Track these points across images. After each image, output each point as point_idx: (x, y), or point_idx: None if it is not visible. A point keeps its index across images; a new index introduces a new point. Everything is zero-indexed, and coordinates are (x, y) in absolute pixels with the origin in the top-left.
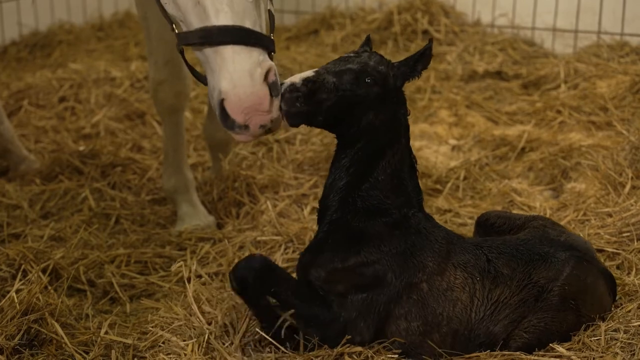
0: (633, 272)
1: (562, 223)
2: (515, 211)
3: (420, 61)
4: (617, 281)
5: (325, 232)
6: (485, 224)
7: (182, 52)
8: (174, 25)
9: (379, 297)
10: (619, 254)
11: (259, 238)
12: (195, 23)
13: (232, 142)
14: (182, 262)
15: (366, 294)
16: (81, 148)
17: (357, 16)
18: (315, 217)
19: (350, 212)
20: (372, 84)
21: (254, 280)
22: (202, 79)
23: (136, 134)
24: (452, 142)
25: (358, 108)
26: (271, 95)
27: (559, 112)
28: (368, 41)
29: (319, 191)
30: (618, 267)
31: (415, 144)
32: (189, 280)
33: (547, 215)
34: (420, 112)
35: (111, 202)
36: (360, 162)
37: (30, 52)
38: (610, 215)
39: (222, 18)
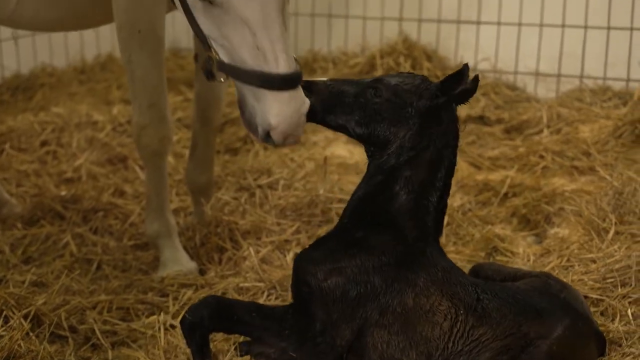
0: (617, 319)
1: (545, 269)
2: (498, 258)
3: (449, 82)
4: (601, 328)
5: (331, 233)
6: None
7: (208, 68)
8: (212, 50)
9: (366, 303)
10: (603, 300)
11: (241, 284)
12: (250, 61)
13: (214, 187)
14: (155, 317)
15: (354, 297)
16: (63, 192)
17: (340, 60)
18: None
19: (359, 220)
20: (378, 95)
21: (210, 317)
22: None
23: (118, 179)
24: None
25: (359, 112)
26: None
27: (541, 157)
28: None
29: (302, 237)
30: (602, 314)
31: None
32: (174, 324)
33: (531, 262)
34: None
35: (93, 248)
36: (381, 175)
37: (12, 95)
38: (594, 261)
39: (281, 66)
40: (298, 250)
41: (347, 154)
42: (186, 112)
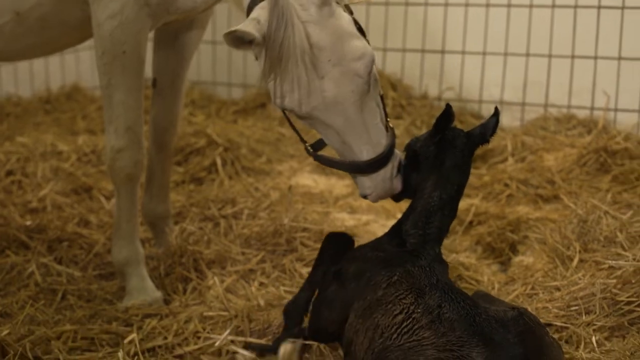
0: (582, 346)
1: (510, 297)
2: (463, 286)
3: (439, 122)
4: (566, 356)
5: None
6: None
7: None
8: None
9: (347, 292)
10: (567, 328)
11: (205, 313)
12: (340, 152)
13: (171, 216)
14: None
15: (340, 287)
16: (28, 222)
17: None
18: (262, 291)
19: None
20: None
21: None
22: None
23: (83, 209)
24: (400, 215)
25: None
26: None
27: (506, 185)
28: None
29: (267, 266)
30: (566, 341)
31: (362, 218)
32: None
33: (495, 290)
34: None
35: (58, 278)
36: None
37: None
38: (558, 289)
39: (365, 155)
40: (263, 279)
41: (312, 183)
42: None
